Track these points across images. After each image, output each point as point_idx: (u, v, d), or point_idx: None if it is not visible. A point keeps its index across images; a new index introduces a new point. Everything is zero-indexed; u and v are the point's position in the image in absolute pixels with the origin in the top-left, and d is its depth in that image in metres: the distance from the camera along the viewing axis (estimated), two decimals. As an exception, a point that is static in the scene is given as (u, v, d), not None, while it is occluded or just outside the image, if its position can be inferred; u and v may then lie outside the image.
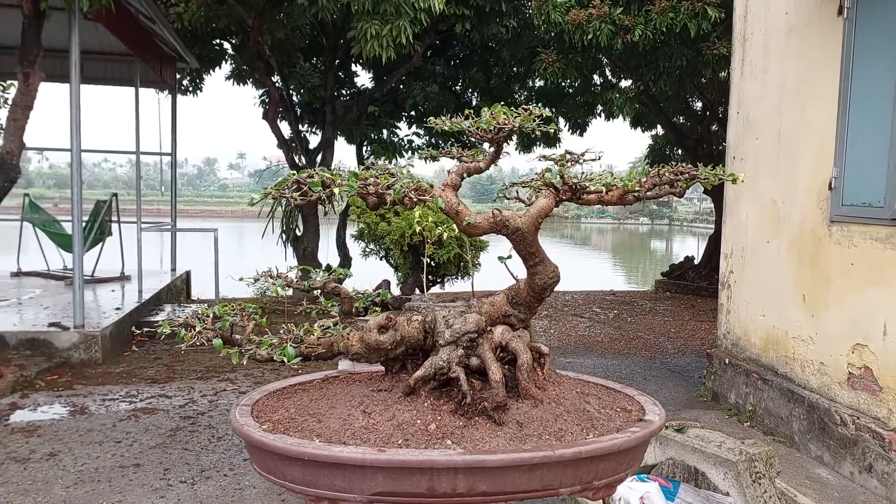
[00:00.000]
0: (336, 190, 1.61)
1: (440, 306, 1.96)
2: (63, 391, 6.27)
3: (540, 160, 1.91)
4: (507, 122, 1.76)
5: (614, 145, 51.36)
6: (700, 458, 2.91)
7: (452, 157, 1.98)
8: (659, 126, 15.61)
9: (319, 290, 1.96)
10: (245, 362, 1.73)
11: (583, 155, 1.89)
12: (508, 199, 2.09)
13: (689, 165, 1.81)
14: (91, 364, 7.20)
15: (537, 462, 1.67)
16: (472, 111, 1.87)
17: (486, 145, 2.04)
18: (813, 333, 5.24)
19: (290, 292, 1.97)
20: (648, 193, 1.85)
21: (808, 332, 5.28)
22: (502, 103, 1.84)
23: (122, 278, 11.33)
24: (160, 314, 9.79)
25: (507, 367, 1.95)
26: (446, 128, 1.83)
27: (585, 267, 26.79)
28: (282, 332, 1.83)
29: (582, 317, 10.89)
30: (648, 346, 8.86)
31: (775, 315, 5.72)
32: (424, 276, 3.14)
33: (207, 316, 1.93)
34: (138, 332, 8.55)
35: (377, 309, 2.21)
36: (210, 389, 6.45)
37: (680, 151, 15.79)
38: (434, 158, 2.11)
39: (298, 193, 1.67)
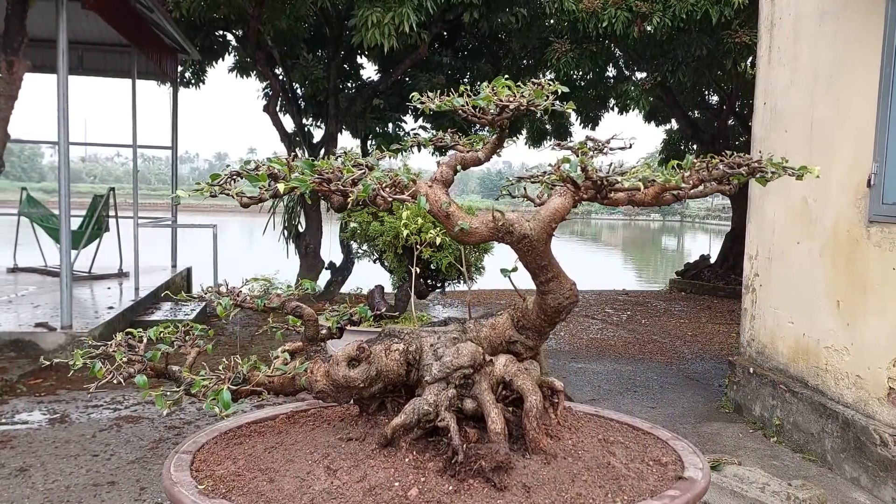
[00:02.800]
0: (281, 186, 1.22)
1: (427, 332, 1.56)
2: (45, 397, 5.93)
3: (553, 149, 1.51)
4: (511, 99, 1.36)
5: (627, 138, 50.47)
6: None
7: (445, 147, 1.58)
8: (674, 120, 15.15)
9: (279, 310, 1.56)
10: (166, 412, 1.34)
11: (608, 143, 1.48)
12: (514, 197, 1.68)
13: (748, 155, 1.40)
14: (80, 368, 6.83)
15: (549, 543, 1.28)
16: (467, 88, 1.47)
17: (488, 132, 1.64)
18: (848, 344, 4.81)
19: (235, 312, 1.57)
20: (693, 191, 1.44)
21: (843, 341, 4.86)
22: (506, 76, 1.43)
23: (121, 275, 11.00)
24: (157, 313, 9.44)
25: (511, 409, 1.55)
26: (433, 106, 1.43)
27: (596, 265, 26.32)
28: (221, 367, 1.43)
29: (594, 318, 10.47)
30: (664, 351, 8.44)
31: (805, 322, 5.29)
32: (412, 287, 2.75)
33: (140, 340, 1.53)
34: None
35: (357, 327, 1.81)
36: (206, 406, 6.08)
37: (695, 147, 15.34)
38: (420, 146, 1.71)
39: (240, 193, 1.27)
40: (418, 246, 2.96)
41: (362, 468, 1.43)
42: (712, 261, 14.31)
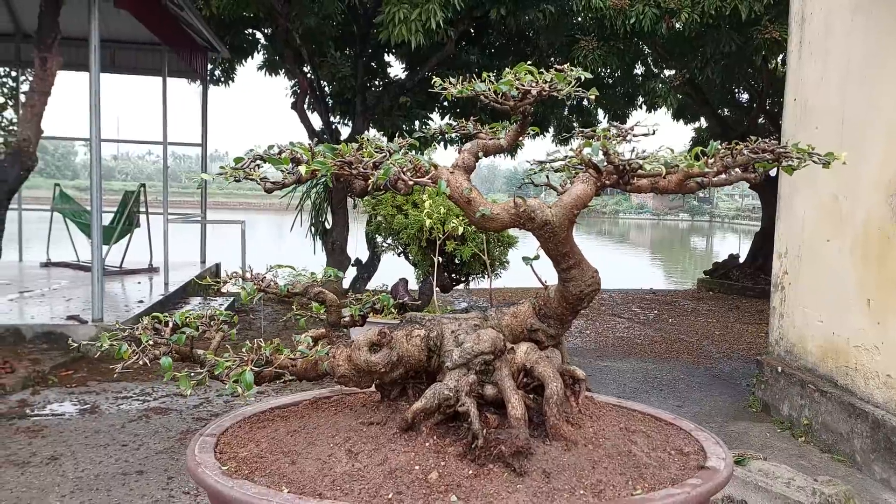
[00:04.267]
0: (303, 169, 1.23)
1: (448, 318, 1.57)
2: (76, 388, 6.04)
3: (577, 137, 1.50)
4: (533, 84, 1.36)
5: (655, 138, 50.09)
6: (765, 499, 2.48)
7: (468, 135, 1.59)
8: (703, 118, 14.99)
9: (302, 296, 1.58)
10: (189, 392, 1.36)
11: (632, 129, 1.48)
12: (537, 185, 1.68)
13: (774, 141, 1.39)
14: (108, 359, 6.91)
15: (568, 527, 1.28)
16: (490, 74, 1.47)
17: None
18: (879, 343, 4.73)
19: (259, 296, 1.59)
20: (716, 178, 1.43)
21: (874, 340, 4.78)
22: (529, 62, 1.44)
23: (151, 270, 11.16)
24: (185, 307, 9.56)
25: (531, 396, 1.55)
26: (455, 92, 1.43)
27: (624, 264, 26.13)
28: (245, 349, 1.45)
29: (620, 317, 10.40)
30: (691, 350, 8.36)
31: (835, 321, 5.21)
32: (434, 277, 2.76)
33: (166, 325, 1.56)
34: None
35: (379, 316, 1.83)
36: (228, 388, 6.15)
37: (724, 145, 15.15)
38: (443, 134, 1.72)
39: (265, 178, 1.29)
40: (439, 235, 2.96)
41: (383, 451, 1.44)
42: (741, 260, 14.14)
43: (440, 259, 2.88)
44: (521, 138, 1.60)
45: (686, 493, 1.39)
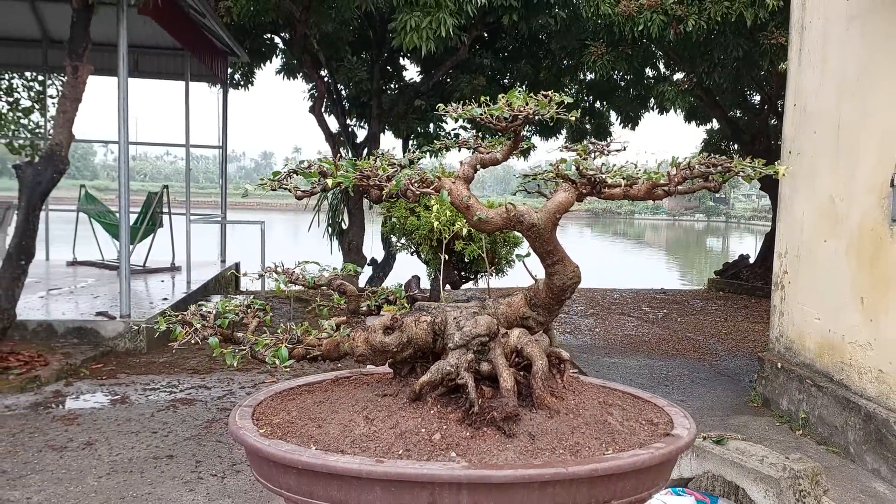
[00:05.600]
0: (330, 181, 1.50)
1: (451, 307, 1.83)
2: (106, 380, 6.36)
3: (561, 150, 1.76)
4: (522, 109, 1.62)
5: (668, 140, 50.24)
6: (740, 473, 2.72)
7: (469, 148, 1.85)
8: (714, 120, 15.15)
9: (326, 287, 1.85)
10: (235, 363, 1.63)
11: (608, 145, 1.74)
12: (530, 192, 1.95)
13: (724, 157, 1.64)
14: (136, 353, 7.29)
15: (548, 479, 1.54)
16: (487, 98, 1.74)
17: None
18: (871, 339, 4.94)
19: (293, 288, 1.87)
20: (679, 188, 1.69)
21: (867, 337, 4.99)
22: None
23: (173, 269, 11.50)
24: (208, 304, 9.90)
25: (521, 373, 1.82)
26: (456, 116, 1.70)
27: (637, 264, 26.28)
28: (279, 331, 1.73)
29: (629, 316, 10.62)
30: (697, 348, 8.57)
31: (831, 319, 5.43)
32: (441, 273, 3.01)
33: (210, 312, 1.84)
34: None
35: (392, 307, 2.10)
36: (249, 381, 6.46)
37: (736, 146, 15.31)
38: (448, 148, 1.98)
39: (300, 186, 1.56)
40: (446, 236, 3.23)
41: (395, 418, 1.71)
42: (751, 260, 14.30)
43: (446, 256, 3.12)
44: (515, 151, 1.86)
45: (650, 454, 1.65)
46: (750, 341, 8.94)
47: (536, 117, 1.61)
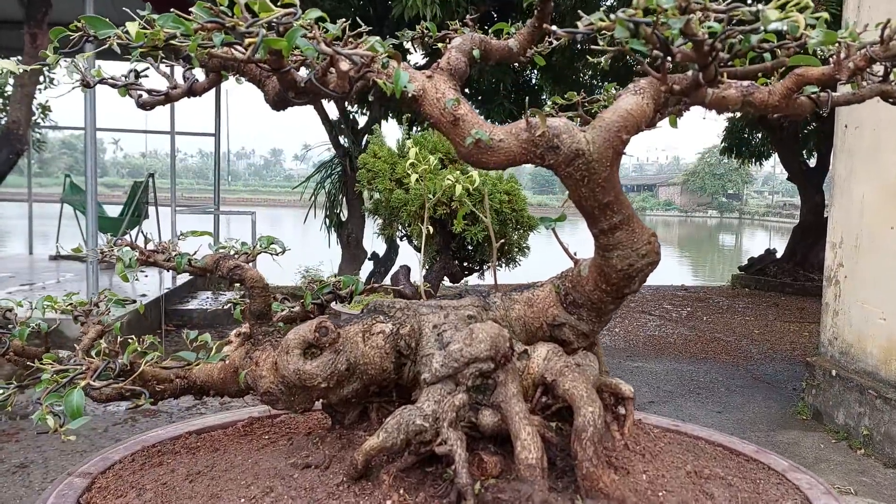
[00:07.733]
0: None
1: (430, 308, 1.04)
2: (64, 387, 5.61)
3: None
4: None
5: (683, 132, 49.21)
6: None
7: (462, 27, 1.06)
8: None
9: (213, 272, 1.07)
10: None
11: None
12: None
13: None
14: (104, 356, 6.54)
15: None
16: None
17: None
18: (957, 343, 4.12)
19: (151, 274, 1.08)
20: (854, 96, 0.89)
21: (950, 341, 4.17)
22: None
23: (160, 263, 10.76)
24: (192, 302, 9.18)
25: (554, 425, 1.02)
26: None
27: (652, 260, 25.38)
28: (94, 352, 0.94)
29: (651, 314, 9.80)
30: (729, 350, 7.75)
31: (902, 319, 4.61)
32: (423, 253, 2.22)
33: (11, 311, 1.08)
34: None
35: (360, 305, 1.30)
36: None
37: (760, 134, 14.47)
38: (425, 37, 1.20)
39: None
40: (429, 196, 2.42)
41: (319, 514, 0.92)
42: (778, 255, 13.42)
43: (430, 229, 2.36)
44: (537, 43, 1.07)
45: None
46: (787, 343, 8.10)
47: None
